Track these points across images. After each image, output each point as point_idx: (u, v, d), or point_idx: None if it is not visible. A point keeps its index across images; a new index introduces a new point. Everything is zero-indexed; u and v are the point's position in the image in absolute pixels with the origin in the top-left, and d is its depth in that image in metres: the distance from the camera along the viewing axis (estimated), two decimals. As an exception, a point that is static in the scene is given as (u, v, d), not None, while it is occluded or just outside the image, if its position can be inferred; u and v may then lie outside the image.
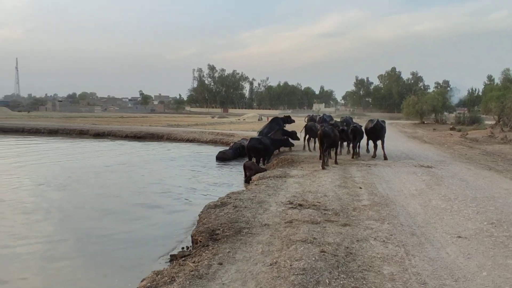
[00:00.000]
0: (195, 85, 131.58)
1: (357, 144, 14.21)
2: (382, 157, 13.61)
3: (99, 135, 29.46)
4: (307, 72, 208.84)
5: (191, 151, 21.36)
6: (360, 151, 14.52)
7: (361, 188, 8.79)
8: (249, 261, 4.72)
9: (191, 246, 6.17)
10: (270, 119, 19.81)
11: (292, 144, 16.31)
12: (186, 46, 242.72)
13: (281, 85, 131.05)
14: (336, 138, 12.36)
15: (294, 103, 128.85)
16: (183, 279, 4.28)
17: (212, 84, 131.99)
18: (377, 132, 13.87)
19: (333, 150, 12.85)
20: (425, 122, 48.18)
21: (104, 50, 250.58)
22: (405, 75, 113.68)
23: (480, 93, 76.54)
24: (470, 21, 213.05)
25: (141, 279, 4.79)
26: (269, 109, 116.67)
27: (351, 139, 14.15)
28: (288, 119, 18.76)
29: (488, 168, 11.92)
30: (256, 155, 14.11)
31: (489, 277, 4.26)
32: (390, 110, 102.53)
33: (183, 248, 6.37)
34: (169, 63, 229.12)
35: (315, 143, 16.14)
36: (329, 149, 12.59)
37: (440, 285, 4.08)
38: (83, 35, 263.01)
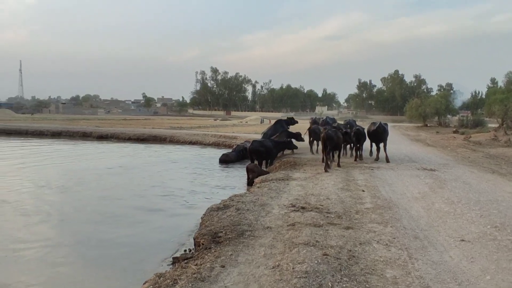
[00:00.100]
0: (198, 87, 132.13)
1: (359, 147, 14.22)
2: (385, 160, 13.60)
3: (102, 137, 29.57)
4: (310, 75, 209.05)
5: (193, 153, 21.40)
6: (363, 154, 14.50)
7: (364, 191, 8.77)
8: (252, 264, 4.71)
9: (193, 249, 6.18)
10: (271, 121, 19.85)
11: (296, 146, 16.30)
12: (189, 48, 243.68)
13: (284, 87, 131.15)
14: (339, 141, 12.36)
15: (297, 105, 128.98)
16: (185, 282, 4.28)
17: (215, 86, 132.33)
18: (379, 135, 13.88)
19: (336, 153, 12.84)
20: (428, 125, 48.03)
21: (108, 53, 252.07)
22: (408, 78, 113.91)
23: (484, 96, 76.33)
24: (473, 24, 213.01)
25: (143, 281, 4.80)
26: (272, 111, 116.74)
27: (354, 142, 14.15)
28: (291, 120, 18.82)
29: (492, 171, 11.87)
30: (258, 157, 14.12)
31: (492, 281, 4.23)
32: (393, 113, 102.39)
33: (185, 250, 6.38)
34: (172, 65, 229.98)
35: (318, 145, 16.14)
36: (333, 152, 12.59)
37: (443, 289, 4.06)
38: (86, 37, 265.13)
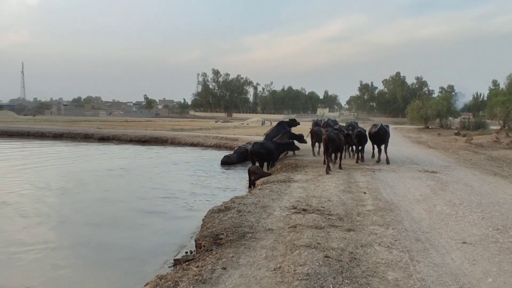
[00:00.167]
0: (199, 89, 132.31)
1: (361, 149, 14.22)
2: (385, 161, 13.61)
3: (103, 139, 29.61)
4: (312, 77, 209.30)
5: (195, 155, 21.41)
6: (365, 156, 14.49)
7: (365, 193, 8.76)
8: (253, 266, 4.71)
9: (194, 251, 6.17)
10: (272, 123, 19.89)
11: (298, 147, 16.29)
12: (191, 50, 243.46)
13: (285, 89, 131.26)
14: (341, 142, 12.35)
15: (298, 107, 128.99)
16: (186, 284, 4.27)
17: (216, 88, 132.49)
18: (381, 137, 13.89)
19: (338, 155, 12.84)
20: (430, 127, 48.02)
21: (109, 54, 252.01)
22: (410, 80, 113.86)
23: (485, 98, 76.30)
24: (474, 25, 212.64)
25: (144, 283, 4.80)
26: (273, 113, 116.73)
27: (355, 144, 14.15)
28: (293, 122, 18.85)
29: (493, 173, 11.85)
30: (260, 159, 14.11)
31: (494, 284, 4.22)
32: (395, 115, 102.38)
33: (186, 252, 6.38)
34: (173, 67, 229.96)
35: (319, 147, 16.13)
36: (337, 154, 12.60)
37: (445, 291, 4.05)
38: (88, 39, 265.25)
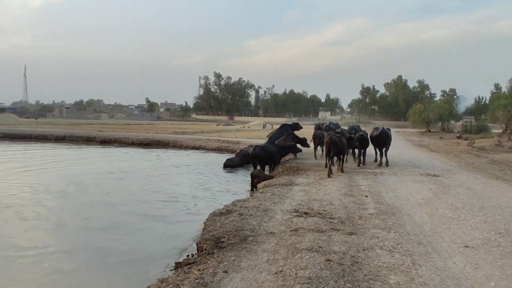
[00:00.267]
0: (201, 92, 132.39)
1: (363, 152, 14.23)
2: (385, 164, 13.69)
3: (105, 142, 29.64)
4: (313, 80, 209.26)
5: (196, 158, 21.42)
6: (366, 160, 14.48)
7: (367, 196, 8.74)
8: (254, 269, 4.70)
9: (196, 254, 6.17)
10: (273, 126, 19.90)
11: (300, 150, 16.29)
12: (193, 53, 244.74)
13: (287, 93, 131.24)
14: (343, 146, 12.35)
15: (300, 111, 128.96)
16: (188, 287, 4.27)
17: (218, 91, 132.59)
18: (382, 140, 13.88)
19: (340, 158, 12.84)
20: (432, 131, 47.90)
21: (112, 57, 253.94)
22: (411, 83, 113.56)
23: (487, 101, 76.11)
24: (476, 29, 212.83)
25: (145, 286, 4.80)
26: (275, 116, 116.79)
27: (358, 147, 14.16)
28: (296, 126, 18.88)
29: (496, 177, 11.82)
30: (261, 162, 14.11)
31: (497, 288, 4.20)
32: (396, 118, 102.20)
33: (188, 255, 6.37)
34: (175, 70, 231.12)
35: (322, 151, 16.13)
36: (339, 157, 12.59)
37: (447, 295, 4.04)
38: (90, 42, 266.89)
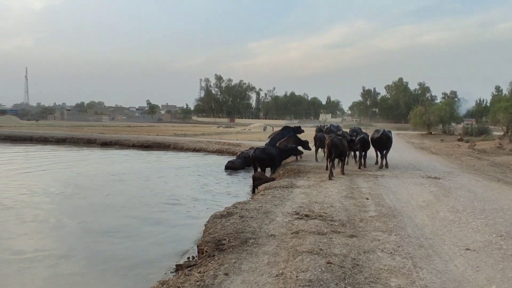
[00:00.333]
0: (202, 94, 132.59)
1: (364, 154, 14.25)
2: (385, 166, 13.76)
3: (106, 144, 29.69)
4: (314, 83, 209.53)
5: (197, 160, 21.43)
6: (367, 162, 14.48)
7: (368, 199, 8.74)
8: (255, 272, 4.69)
9: (197, 256, 6.17)
10: (274, 129, 19.87)
11: (301, 152, 16.29)
12: (194, 55, 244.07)
13: (288, 95, 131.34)
14: (345, 148, 12.35)
15: (301, 113, 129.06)
16: (188, 289, 4.27)
17: (219, 94, 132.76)
18: (383, 142, 13.89)
19: (341, 160, 12.84)
20: (433, 133, 47.88)
21: (113, 59, 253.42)
22: (412, 86, 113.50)
23: (488, 104, 76.05)
24: (477, 31, 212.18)
25: (146, 289, 4.79)
26: (276, 119, 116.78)
27: (359, 150, 14.16)
28: (298, 129, 18.87)
29: (497, 179, 11.80)
30: (261, 165, 14.11)
31: (498, 291, 4.19)
32: (397, 121, 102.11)
33: (188, 258, 6.37)
34: (177, 72, 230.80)
35: (324, 153, 16.12)
36: (340, 159, 12.59)
37: (448, 298, 4.03)
38: (91, 44, 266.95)
